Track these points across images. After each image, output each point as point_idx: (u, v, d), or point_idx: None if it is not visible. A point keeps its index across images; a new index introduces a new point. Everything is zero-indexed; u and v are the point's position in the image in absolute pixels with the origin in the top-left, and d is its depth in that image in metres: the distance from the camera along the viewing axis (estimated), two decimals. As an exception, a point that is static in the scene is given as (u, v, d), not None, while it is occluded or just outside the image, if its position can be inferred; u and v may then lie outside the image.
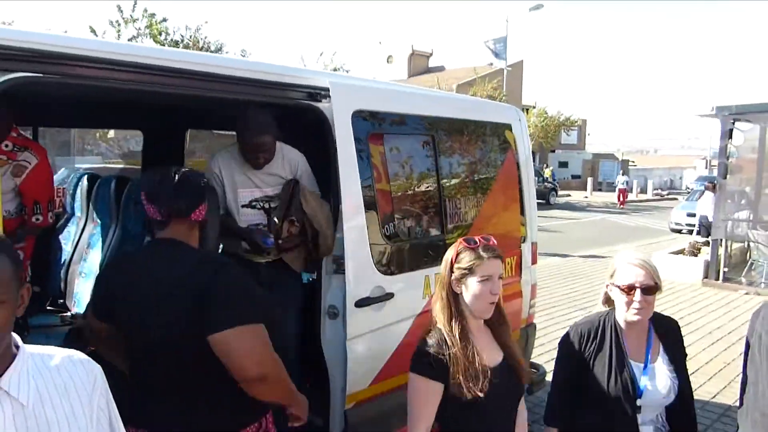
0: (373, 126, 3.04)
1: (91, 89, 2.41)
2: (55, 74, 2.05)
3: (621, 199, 27.63)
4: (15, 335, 1.24)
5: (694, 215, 17.00)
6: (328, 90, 2.78)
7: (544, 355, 5.98)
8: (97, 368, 1.34)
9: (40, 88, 2.09)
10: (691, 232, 15.97)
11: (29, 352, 1.26)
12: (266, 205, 3.11)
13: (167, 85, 2.36)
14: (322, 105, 2.80)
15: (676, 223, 17.97)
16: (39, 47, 1.99)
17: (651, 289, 2.16)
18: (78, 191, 3.95)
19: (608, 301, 2.35)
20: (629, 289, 2.17)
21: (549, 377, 4.71)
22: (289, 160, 3.14)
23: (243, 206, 3.10)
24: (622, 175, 29.83)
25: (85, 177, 3.97)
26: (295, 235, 3.07)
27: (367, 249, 2.89)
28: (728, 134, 9.81)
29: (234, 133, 3.04)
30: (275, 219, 3.06)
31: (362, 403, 2.84)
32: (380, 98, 3.17)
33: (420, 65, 38.60)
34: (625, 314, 2.22)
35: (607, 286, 2.31)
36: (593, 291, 9.16)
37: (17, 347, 1.23)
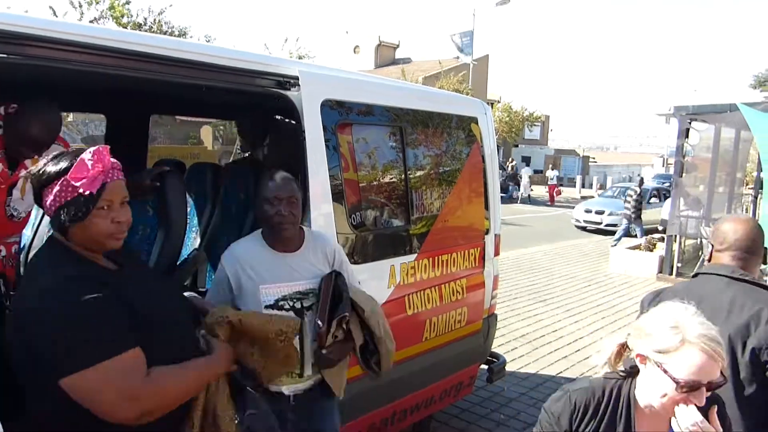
0: (341, 115, 3.05)
1: (53, 71, 2.35)
2: (17, 55, 2.00)
3: (551, 194, 26.15)
4: None
5: (591, 211, 17.10)
6: (297, 78, 2.78)
7: (504, 345, 6.12)
8: None
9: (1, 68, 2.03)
10: (596, 231, 15.88)
11: None
12: (297, 304, 2.33)
13: (132, 69, 2.32)
14: (291, 93, 2.80)
15: (576, 220, 17.37)
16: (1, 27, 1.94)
17: (717, 386, 1.52)
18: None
19: (617, 358, 1.69)
20: (690, 388, 1.48)
21: (509, 367, 4.85)
22: (321, 245, 2.48)
23: (267, 307, 2.29)
24: (552, 169, 28.66)
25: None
26: (341, 342, 2.32)
27: (334, 238, 2.91)
28: (685, 133, 10.14)
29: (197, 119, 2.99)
30: (319, 322, 2.23)
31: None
32: (349, 88, 3.19)
33: (387, 56, 38.55)
34: (660, 409, 1.54)
35: (638, 356, 1.60)
36: (552, 284, 9.38)
37: None
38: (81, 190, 1.58)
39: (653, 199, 17.54)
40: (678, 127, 10.31)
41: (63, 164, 1.60)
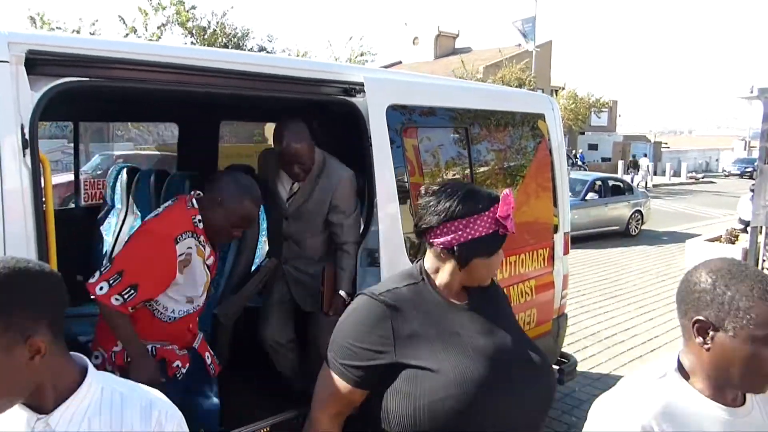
0: (406, 119, 3.06)
1: (131, 89, 2.48)
2: (100, 77, 2.12)
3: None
4: (82, 357, 1.14)
5: None
6: (362, 85, 2.81)
7: (574, 344, 5.98)
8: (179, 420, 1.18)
9: (84, 90, 2.16)
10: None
11: (104, 383, 1.13)
12: None
13: (204, 84, 2.42)
14: (357, 99, 2.83)
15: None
16: (84, 52, 2.06)
17: None
18: (118, 184, 4.06)
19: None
20: None
21: (580, 367, 4.74)
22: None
23: None
24: (644, 156, 29.36)
25: (125, 170, 4.08)
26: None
27: (402, 242, 2.93)
28: (769, 117, 9.53)
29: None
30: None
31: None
32: (414, 92, 3.19)
33: (446, 46, 38.18)
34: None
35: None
36: (623, 279, 9.08)
37: (83, 373, 1.11)
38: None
39: None
40: (763, 111, 9.70)
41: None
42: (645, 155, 31.08)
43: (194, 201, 2.39)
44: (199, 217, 2.33)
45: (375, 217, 2.84)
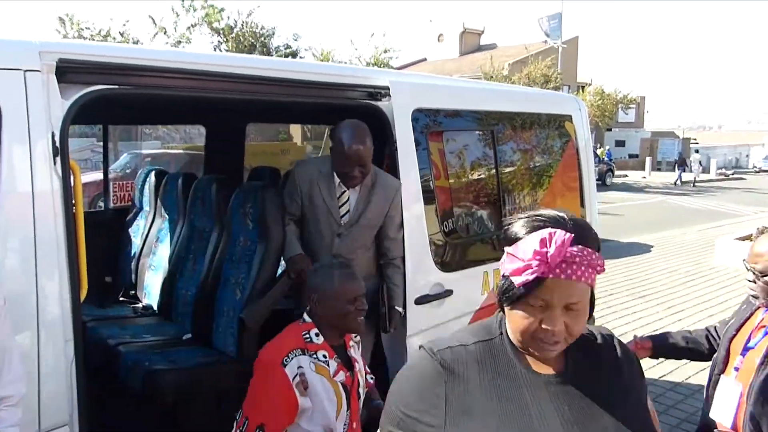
0: (432, 123, 3.04)
1: (159, 95, 2.50)
2: (128, 85, 2.14)
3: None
4: None
5: None
6: (388, 89, 2.80)
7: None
8: None
9: (113, 97, 2.19)
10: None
11: None
12: None
13: (230, 90, 2.43)
14: (382, 103, 2.82)
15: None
16: (114, 61, 2.08)
17: None
18: (146, 187, 4.11)
19: None
20: None
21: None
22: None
23: None
24: (696, 152, 29.57)
25: (153, 173, 4.13)
26: None
27: (427, 246, 2.92)
28: (802, 114, 9.27)
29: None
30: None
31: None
32: (439, 95, 3.16)
33: (471, 43, 37.95)
34: None
35: None
36: (651, 278, 8.93)
37: None
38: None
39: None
40: (794, 108, 9.43)
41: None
42: (697, 151, 31.11)
43: (305, 315, 2.10)
44: (314, 330, 2.04)
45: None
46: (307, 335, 2.04)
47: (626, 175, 30.97)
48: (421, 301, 2.85)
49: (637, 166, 34.75)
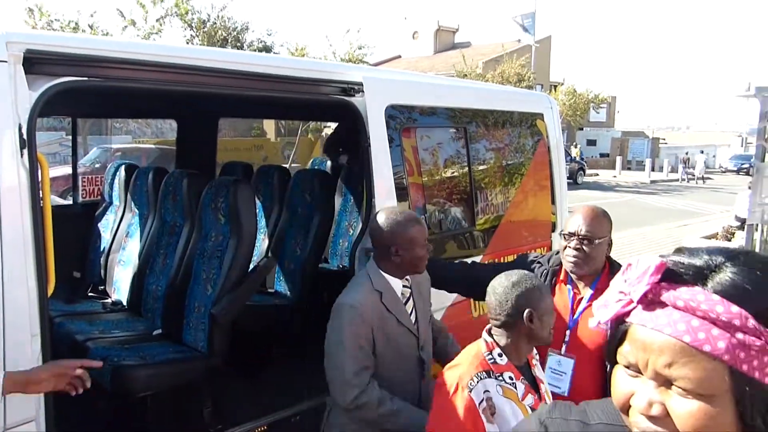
0: (406, 119, 3.05)
1: (129, 88, 2.47)
2: (98, 77, 2.11)
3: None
4: None
5: None
6: (361, 84, 2.80)
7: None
8: None
9: (82, 89, 2.15)
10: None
11: None
12: None
13: (202, 84, 2.41)
14: (355, 99, 2.82)
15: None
16: (83, 52, 2.05)
17: None
18: (116, 181, 4.05)
19: None
20: None
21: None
22: None
23: None
24: (702, 153, 32.05)
25: (123, 167, 4.07)
26: None
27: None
28: (767, 115, 9.54)
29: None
30: None
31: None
32: (413, 92, 3.18)
33: (446, 41, 38.09)
34: None
35: None
36: (622, 275, 9.07)
37: None
38: None
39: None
40: (760, 109, 9.70)
41: None
42: (702, 152, 33.35)
43: (485, 335, 1.93)
44: (497, 350, 1.88)
45: (373, 217, 2.83)
46: (490, 356, 1.87)
47: (597, 174, 31.44)
48: (393, 296, 2.86)
49: (608, 165, 35.30)
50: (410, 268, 2.22)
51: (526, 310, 1.84)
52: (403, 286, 2.22)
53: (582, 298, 2.28)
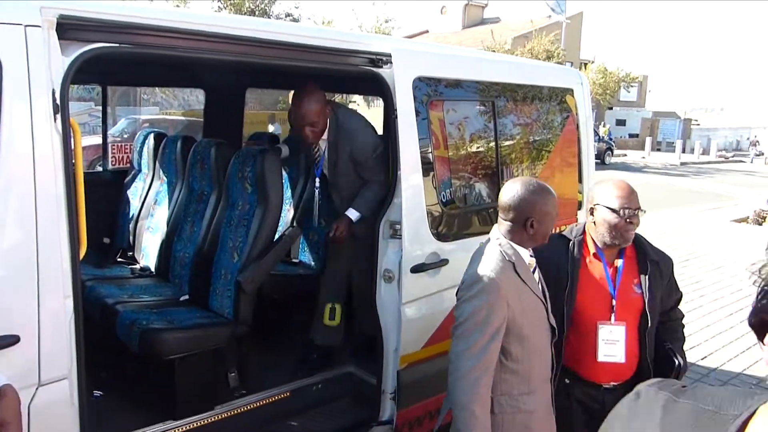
0: (433, 92, 3.03)
1: (160, 55, 2.49)
2: (130, 44, 2.13)
3: None
4: None
5: None
6: (389, 56, 2.78)
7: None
8: None
9: (114, 55, 2.17)
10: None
11: None
12: None
13: (231, 52, 2.41)
14: (383, 71, 2.80)
15: None
16: (116, 18, 2.06)
17: None
18: (144, 149, 4.11)
19: None
20: None
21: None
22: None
23: None
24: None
25: (152, 135, 4.12)
26: None
27: (424, 215, 2.93)
28: (804, 96, 9.23)
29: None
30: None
31: (414, 364, 2.92)
32: (442, 64, 3.14)
33: (475, 16, 37.45)
34: None
35: None
36: (647, 257, 8.95)
37: None
38: None
39: None
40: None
41: None
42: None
43: None
44: None
45: (399, 189, 2.84)
46: None
47: (625, 155, 30.91)
48: (416, 269, 2.87)
49: (637, 146, 34.65)
50: (541, 240, 2.21)
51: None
52: (530, 256, 2.22)
53: (616, 267, 2.36)
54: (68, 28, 1.94)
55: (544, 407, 2.19)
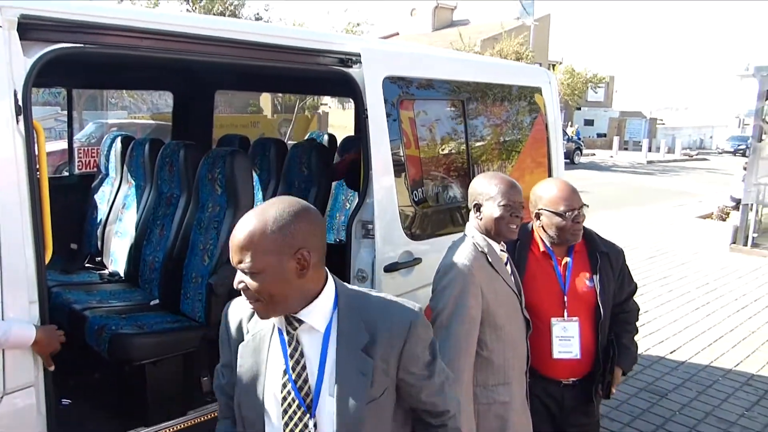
0: (403, 91, 3.04)
1: (126, 56, 2.45)
2: (94, 44, 2.09)
3: None
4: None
5: None
6: (359, 55, 2.78)
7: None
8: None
9: (78, 56, 2.13)
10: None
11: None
12: None
13: (199, 53, 2.39)
14: (353, 70, 2.80)
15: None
16: (79, 18, 2.03)
17: None
18: (112, 152, 4.04)
19: None
20: None
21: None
22: None
23: None
24: None
25: (119, 138, 4.05)
26: None
27: (396, 214, 2.94)
28: (765, 95, 9.51)
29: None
30: None
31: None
32: (411, 64, 3.16)
33: (444, 18, 37.73)
34: None
35: None
36: (616, 253, 9.11)
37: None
38: None
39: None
40: (758, 89, 9.68)
41: None
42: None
43: None
44: None
45: (371, 189, 2.84)
46: None
47: (594, 154, 31.43)
48: (390, 268, 2.87)
49: (605, 145, 35.29)
50: (492, 227, 2.21)
51: None
52: (500, 250, 2.23)
53: (566, 263, 2.39)
54: (30, 28, 1.91)
55: (519, 399, 2.20)
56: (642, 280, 7.72)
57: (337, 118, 20.19)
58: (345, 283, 1.48)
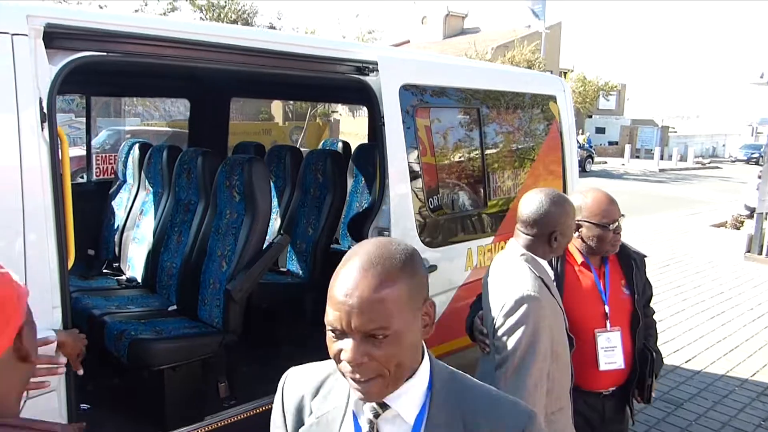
0: (419, 99, 3.06)
1: (146, 64, 2.48)
2: (116, 52, 2.12)
3: None
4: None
5: None
6: (376, 63, 2.80)
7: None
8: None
9: (101, 64, 2.17)
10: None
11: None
12: None
13: (217, 61, 2.42)
14: (370, 78, 2.82)
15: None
16: (102, 27, 2.06)
17: None
18: (129, 159, 4.08)
19: None
20: None
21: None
22: None
23: None
24: None
25: (137, 145, 4.10)
26: None
27: (412, 221, 2.95)
28: (778, 103, 9.43)
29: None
30: None
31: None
32: (427, 71, 3.18)
33: (455, 27, 37.79)
34: None
35: None
36: (630, 262, 9.05)
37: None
38: None
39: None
40: (771, 97, 9.58)
41: None
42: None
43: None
44: None
45: (387, 196, 2.85)
46: None
47: (605, 162, 31.30)
48: (405, 275, 2.88)
49: (617, 153, 35.12)
50: (560, 252, 2.14)
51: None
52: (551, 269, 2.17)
53: (603, 272, 2.38)
54: (55, 37, 1.94)
55: (569, 422, 2.11)
56: (656, 289, 7.62)
57: (349, 126, 20.26)
58: (438, 360, 1.13)
